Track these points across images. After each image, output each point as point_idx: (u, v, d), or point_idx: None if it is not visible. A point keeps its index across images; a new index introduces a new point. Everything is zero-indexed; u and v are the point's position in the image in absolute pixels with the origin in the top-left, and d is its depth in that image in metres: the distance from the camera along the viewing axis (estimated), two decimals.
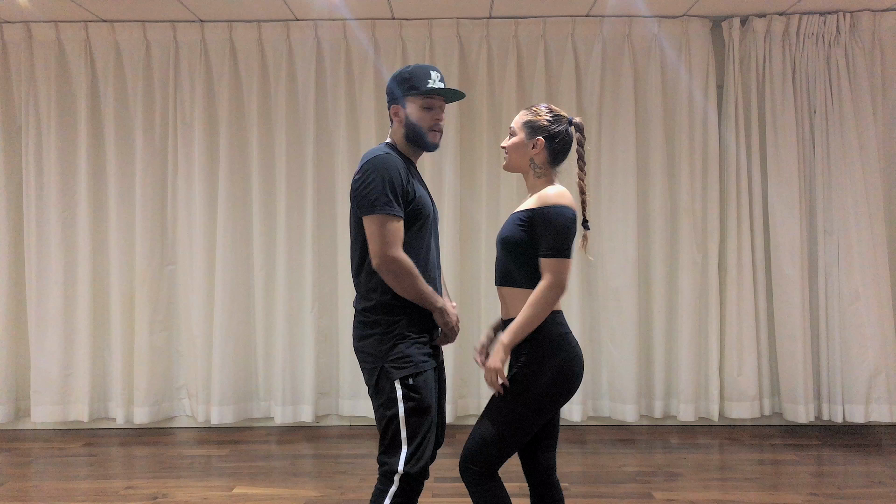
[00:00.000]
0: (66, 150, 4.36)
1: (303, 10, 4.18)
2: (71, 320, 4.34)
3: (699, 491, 3.30)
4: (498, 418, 2.03)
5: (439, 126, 2.17)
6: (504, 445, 2.03)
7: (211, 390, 4.32)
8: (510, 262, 2.09)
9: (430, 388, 2.10)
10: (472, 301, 4.39)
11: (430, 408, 2.09)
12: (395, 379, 2.05)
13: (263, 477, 3.55)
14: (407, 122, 2.16)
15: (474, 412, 4.42)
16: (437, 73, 2.17)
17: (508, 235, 2.08)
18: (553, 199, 2.03)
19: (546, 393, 2.02)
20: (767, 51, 4.30)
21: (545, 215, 2.01)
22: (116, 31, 4.35)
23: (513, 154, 2.14)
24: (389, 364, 2.07)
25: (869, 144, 4.21)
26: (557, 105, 4.31)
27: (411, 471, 2.04)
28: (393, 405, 2.06)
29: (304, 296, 4.37)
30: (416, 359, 2.08)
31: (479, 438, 2.03)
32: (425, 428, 2.07)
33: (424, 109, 2.14)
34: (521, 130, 2.12)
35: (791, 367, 4.21)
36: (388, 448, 2.08)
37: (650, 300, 4.37)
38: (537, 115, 2.12)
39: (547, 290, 1.99)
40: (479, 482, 2.03)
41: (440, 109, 2.17)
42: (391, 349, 2.07)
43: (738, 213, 4.29)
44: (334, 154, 4.39)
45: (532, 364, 2.02)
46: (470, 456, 2.04)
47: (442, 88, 2.15)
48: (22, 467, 3.76)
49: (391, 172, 2.05)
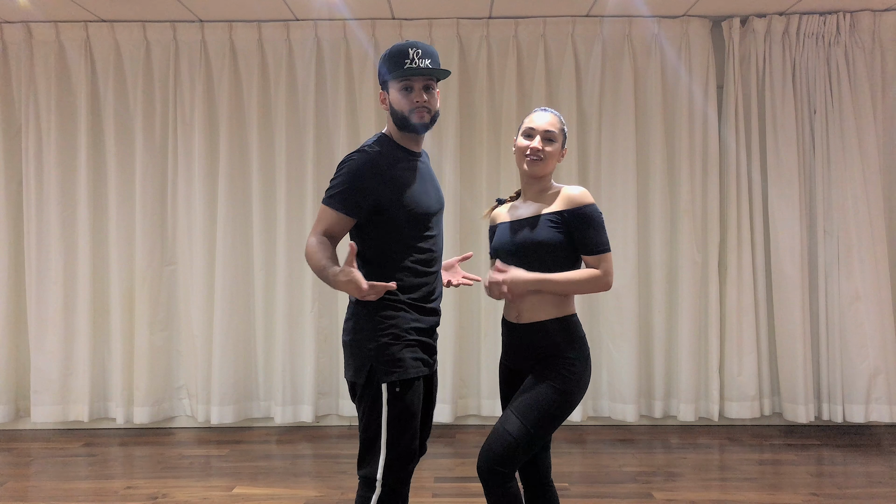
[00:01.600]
0: (66, 150, 4.36)
1: (303, 10, 4.19)
2: (71, 320, 4.35)
3: (699, 491, 3.30)
4: (533, 419, 1.97)
5: (423, 105, 2.00)
6: (532, 447, 1.99)
7: (211, 390, 4.32)
8: (542, 265, 2.05)
9: (418, 396, 2.01)
10: (471, 301, 4.39)
11: (415, 415, 2.00)
12: (384, 382, 1.97)
13: (263, 477, 3.55)
14: (391, 107, 2.05)
15: (474, 412, 4.42)
16: (416, 49, 1.99)
17: (546, 239, 2.04)
18: (587, 199, 2.07)
19: (580, 396, 2.06)
20: (767, 51, 4.30)
21: (585, 215, 2.05)
22: (116, 31, 4.35)
23: (551, 160, 2.11)
24: (379, 365, 1.98)
25: (869, 144, 4.21)
26: (557, 105, 4.37)
27: (391, 477, 1.96)
28: (377, 408, 1.97)
29: (304, 296, 4.37)
30: (408, 364, 1.98)
31: (509, 440, 1.96)
32: (408, 435, 1.98)
33: (404, 91, 2.01)
34: (559, 137, 2.12)
35: (791, 367, 4.21)
36: (367, 453, 2.00)
37: (650, 300, 4.37)
38: (564, 123, 2.17)
39: (600, 278, 2.04)
40: (505, 484, 1.98)
41: (420, 90, 2.00)
42: (383, 350, 1.98)
43: (738, 213, 4.29)
44: (334, 154, 4.38)
45: (578, 367, 2.04)
46: (498, 458, 1.97)
47: (416, 69, 1.97)
48: (22, 467, 3.76)
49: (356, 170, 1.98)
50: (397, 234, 2.03)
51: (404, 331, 2.00)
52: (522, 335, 2.10)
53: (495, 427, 2.03)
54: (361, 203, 1.99)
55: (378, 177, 1.99)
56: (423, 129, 2.07)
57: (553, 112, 2.15)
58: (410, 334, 2.01)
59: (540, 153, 2.08)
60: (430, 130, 2.12)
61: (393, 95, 2.04)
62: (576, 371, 2.04)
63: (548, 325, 2.06)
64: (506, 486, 1.98)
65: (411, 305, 2.03)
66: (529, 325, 2.08)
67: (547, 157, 2.09)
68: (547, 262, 2.05)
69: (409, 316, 2.02)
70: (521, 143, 2.12)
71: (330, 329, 4.40)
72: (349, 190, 1.98)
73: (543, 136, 2.09)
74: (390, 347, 1.98)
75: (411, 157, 2.11)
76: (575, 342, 2.07)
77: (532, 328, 2.08)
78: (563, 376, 2.02)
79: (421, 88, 2.01)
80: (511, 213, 2.20)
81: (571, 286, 2.04)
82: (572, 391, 2.02)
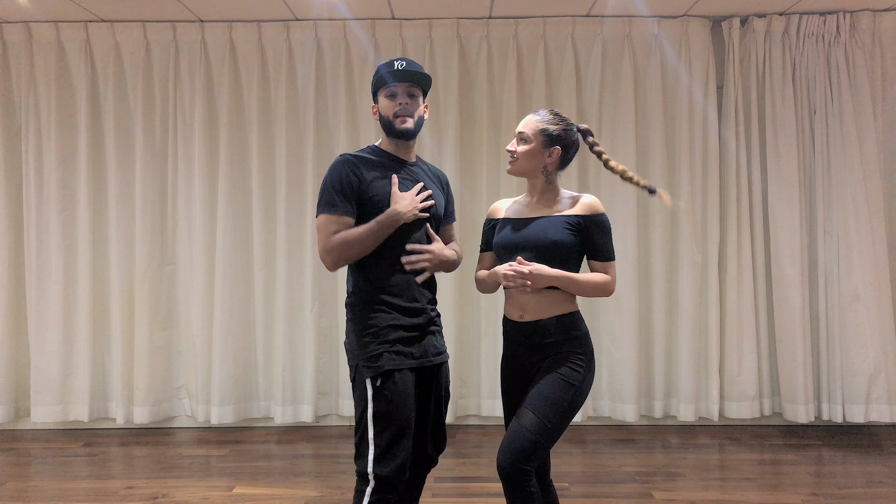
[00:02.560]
0: (66, 149, 4.36)
1: (303, 10, 4.19)
2: (71, 320, 4.35)
3: (699, 491, 3.30)
4: (549, 413, 2.01)
5: (405, 110, 2.13)
6: (551, 440, 2.05)
7: (211, 390, 4.32)
8: (552, 263, 2.08)
9: (403, 391, 2.05)
10: (471, 301, 4.39)
11: (399, 410, 2.04)
12: (367, 378, 2.05)
13: (263, 477, 3.55)
14: (380, 115, 2.19)
15: (474, 412, 4.42)
16: (400, 61, 2.14)
17: (560, 239, 2.09)
18: (601, 208, 2.14)
19: (589, 389, 2.11)
20: (767, 51, 4.30)
21: (601, 223, 2.12)
22: (116, 31, 4.35)
23: (524, 160, 2.14)
24: (362, 362, 2.06)
25: (869, 144, 4.21)
26: (558, 105, 4.37)
27: (381, 472, 2.01)
28: (363, 404, 2.06)
29: (304, 296, 4.37)
30: (384, 358, 2.05)
31: (528, 436, 1.99)
32: (393, 430, 2.03)
33: (390, 98, 2.15)
34: (535, 138, 2.13)
35: (791, 367, 4.20)
36: (359, 448, 2.07)
37: (650, 300, 4.37)
38: (552, 124, 2.14)
39: (609, 284, 2.13)
40: (528, 482, 1.99)
41: (404, 94, 2.13)
42: (365, 346, 2.07)
43: (738, 213, 4.29)
44: (334, 154, 4.34)
45: (588, 360, 2.10)
46: (522, 456, 1.98)
47: (392, 73, 2.11)
48: (22, 467, 3.76)
49: (333, 174, 2.10)
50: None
51: (384, 329, 2.08)
52: (528, 333, 2.12)
53: (512, 424, 2.05)
54: (350, 196, 2.08)
55: (353, 174, 2.09)
56: (406, 136, 2.16)
57: (538, 114, 2.17)
58: (391, 331, 2.08)
59: (514, 153, 2.15)
60: (421, 133, 2.22)
61: (381, 103, 2.18)
62: (583, 365, 2.09)
63: (553, 322, 2.10)
64: (528, 483, 2.00)
65: (391, 305, 2.10)
66: (535, 323, 2.11)
67: (519, 157, 2.14)
68: (556, 261, 2.08)
69: (388, 315, 2.09)
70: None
71: (330, 329, 4.40)
72: (333, 191, 2.08)
73: (518, 137, 2.16)
74: (370, 345, 2.07)
75: (400, 164, 2.19)
76: (580, 337, 2.11)
77: (538, 326, 2.10)
78: (576, 371, 2.07)
79: (405, 93, 2.14)
80: (516, 210, 2.23)
81: (588, 287, 2.10)
82: (582, 383, 2.07)
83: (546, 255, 2.09)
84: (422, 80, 2.17)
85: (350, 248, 2.05)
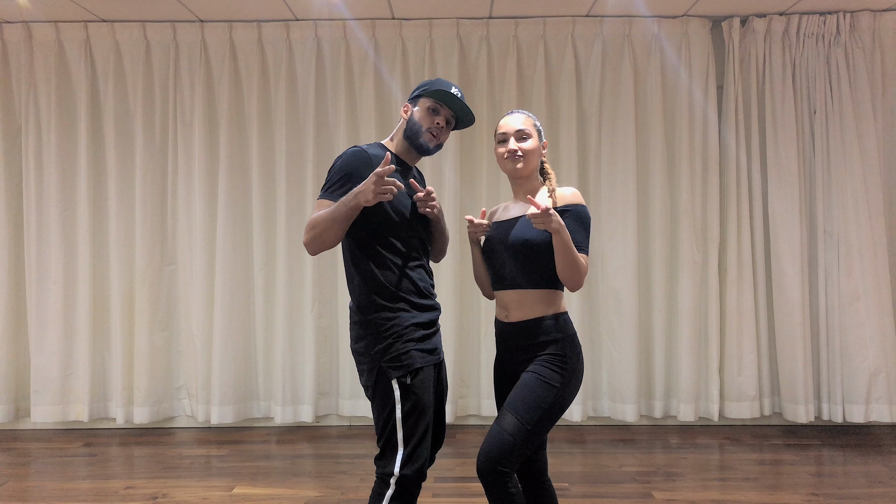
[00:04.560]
0: (66, 150, 4.36)
1: (303, 10, 4.19)
2: (71, 320, 4.35)
3: (699, 491, 3.30)
4: (530, 417, 1.99)
5: (437, 130, 2.17)
6: (530, 443, 2.01)
7: (211, 390, 4.32)
8: (533, 263, 2.07)
9: (428, 388, 2.08)
10: (471, 301, 4.39)
11: (427, 408, 2.06)
12: (393, 378, 2.04)
13: (263, 477, 3.55)
14: (410, 119, 2.20)
15: (474, 412, 4.43)
16: (458, 89, 2.20)
17: (533, 237, 2.06)
18: (578, 199, 2.09)
19: (574, 392, 2.08)
20: (767, 51, 4.30)
21: (577, 213, 2.07)
22: (116, 31, 4.35)
23: (531, 157, 2.15)
24: (386, 364, 2.05)
25: (869, 144, 4.21)
26: (558, 105, 4.36)
27: (407, 473, 2.01)
28: (390, 406, 2.04)
29: (304, 296, 4.37)
30: (413, 357, 2.05)
31: (508, 438, 1.98)
32: (422, 429, 2.05)
33: (429, 111, 2.17)
34: (534, 133, 2.16)
35: (791, 367, 4.21)
36: (385, 450, 2.06)
37: (650, 300, 4.37)
38: (535, 119, 2.20)
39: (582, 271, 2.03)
40: (506, 483, 1.98)
41: (444, 118, 2.18)
42: (387, 349, 2.05)
43: (738, 213, 4.29)
44: (334, 154, 4.38)
45: (571, 362, 2.06)
46: (500, 457, 1.98)
47: (450, 94, 2.14)
48: (22, 467, 3.76)
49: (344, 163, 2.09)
50: (383, 229, 2.10)
51: (405, 328, 2.07)
52: (514, 334, 2.12)
53: (492, 427, 2.04)
54: (352, 188, 2.05)
55: (368, 169, 2.07)
56: (426, 151, 2.20)
57: (520, 111, 2.20)
58: (411, 330, 2.08)
59: (517, 152, 2.14)
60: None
61: (419, 110, 2.19)
62: (568, 367, 2.06)
63: (539, 323, 2.08)
64: (506, 485, 1.99)
65: (409, 303, 2.10)
66: (520, 324, 2.10)
67: (527, 154, 2.14)
68: (538, 259, 2.07)
69: (408, 314, 2.09)
70: (499, 150, 2.18)
71: (330, 329, 4.41)
72: (343, 179, 2.07)
73: (517, 137, 2.15)
74: (394, 345, 2.05)
75: (403, 167, 2.22)
76: (566, 339, 2.08)
77: (523, 326, 2.10)
78: (557, 372, 2.04)
79: (444, 117, 2.18)
80: (504, 213, 2.24)
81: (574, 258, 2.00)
82: (566, 387, 2.04)
83: (522, 253, 2.07)
84: (465, 118, 2.22)
85: (318, 228, 2.01)
